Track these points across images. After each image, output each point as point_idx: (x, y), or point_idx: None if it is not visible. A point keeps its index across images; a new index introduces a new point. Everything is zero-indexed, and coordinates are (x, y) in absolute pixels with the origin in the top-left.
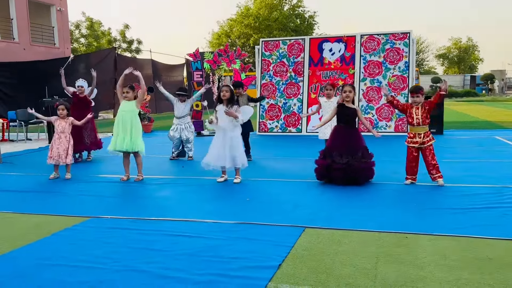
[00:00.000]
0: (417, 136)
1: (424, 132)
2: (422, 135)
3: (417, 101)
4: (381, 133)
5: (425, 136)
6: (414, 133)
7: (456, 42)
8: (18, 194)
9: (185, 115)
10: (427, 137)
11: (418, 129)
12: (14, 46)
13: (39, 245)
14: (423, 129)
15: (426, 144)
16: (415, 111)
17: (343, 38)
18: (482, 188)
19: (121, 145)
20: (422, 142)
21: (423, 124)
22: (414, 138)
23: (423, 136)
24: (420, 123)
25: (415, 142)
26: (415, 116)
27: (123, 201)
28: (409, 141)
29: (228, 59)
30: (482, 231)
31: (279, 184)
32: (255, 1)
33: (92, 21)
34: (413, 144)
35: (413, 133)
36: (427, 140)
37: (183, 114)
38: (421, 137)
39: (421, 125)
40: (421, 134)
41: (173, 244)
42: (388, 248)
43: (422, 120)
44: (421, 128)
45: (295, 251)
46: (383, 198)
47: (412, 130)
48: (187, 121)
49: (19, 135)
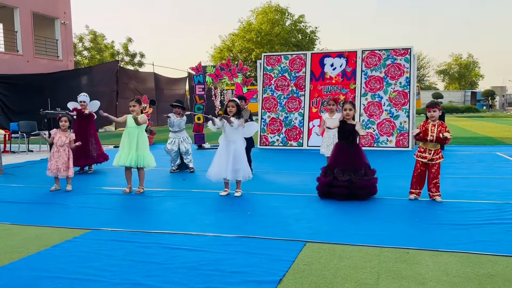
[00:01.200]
0: (427, 151)
1: (435, 150)
2: (433, 152)
3: (434, 115)
4: (382, 147)
5: (435, 154)
6: (424, 148)
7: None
8: (18, 205)
9: (181, 129)
10: (436, 155)
11: (430, 146)
12: (18, 58)
13: (38, 257)
14: (434, 147)
15: (434, 161)
16: (431, 127)
17: (345, 54)
18: (484, 204)
19: (125, 160)
20: (431, 159)
21: (436, 141)
22: (424, 153)
23: (433, 153)
24: (434, 140)
25: (423, 157)
26: (430, 132)
27: (124, 214)
28: (418, 154)
29: (230, 73)
30: (484, 247)
31: (280, 198)
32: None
33: (95, 34)
34: (422, 158)
35: (424, 148)
36: (436, 158)
37: (180, 128)
38: (431, 153)
39: (434, 142)
40: (431, 151)
41: (173, 257)
42: (389, 264)
43: (437, 138)
44: (433, 145)
45: (296, 266)
46: (384, 213)
47: (424, 145)
48: (184, 134)
49: (20, 146)
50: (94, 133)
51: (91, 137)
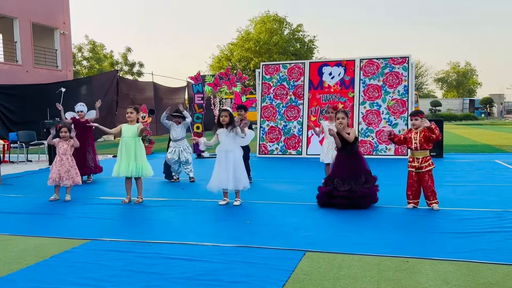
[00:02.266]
0: (415, 160)
1: (423, 157)
2: (420, 159)
3: (416, 123)
4: (381, 155)
5: (423, 161)
6: (412, 158)
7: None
8: (17, 216)
9: (182, 137)
10: (425, 162)
11: (416, 154)
12: (17, 68)
13: (37, 268)
14: (421, 154)
15: (423, 169)
16: (414, 135)
17: (343, 62)
18: (483, 212)
19: (125, 171)
20: (420, 167)
21: (421, 148)
22: (413, 162)
23: (421, 161)
24: (418, 148)
25: (413, 166)
26: (413, 140)
27: (123, 224)
28: (409, 165)
29: (229, 82)
30: (484, 256)
31: (279, 207)
32: (255, 25)
33: (94, 44)
34: (411, 168)
35: (412, 157)
36: (425, 166)
37: (181, 137)
38: (419, 161)
39: (419, 150)
40: (419, 159)
41: (172, 267)
42: (389, 273)
43: (420, 144)
44: (419, 152)
45: (296, 276)
46: (384, 222)
47: (411, 154)
48: (185, 143)
49: (19, 156)
50: (92, 143)
51: (89, 147)
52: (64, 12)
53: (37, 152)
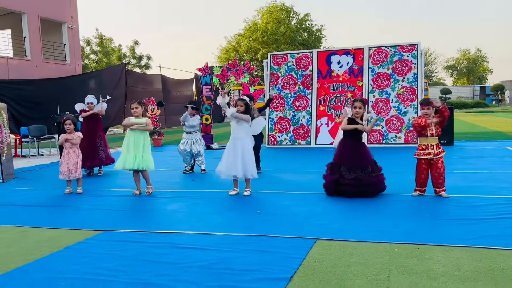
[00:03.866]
0: (430, 147)
1: (436, 144)
2: (435, 146)
3: (428, 113)
4: (391, 144)
5: (437, 147)
6: (426, 145)
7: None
8: (30, 208)
9: (195, 129)
10: (439, 148)
11: (431, 140)
12: (26, 63)
13: (51, 259)
14: (435, 140)
15: (439, 155)
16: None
17: (351, 51)
18: (494, 198)
19: (132, 163)
20: (436, 154)
21: (436, 135)
22: (427, 150)
23: (436, 147)
24: (434, 134)
25: (427, 153)
26: (429, 127)
27: (134, 215)
28: (420, 153)
29: (237, 73)
30: (495, 242)
31: (289, 196)
32: (262, 16)
33: (102, 38)
34: (426, 156)
35: (425, 144)
36: (440, 152)
37: (194, 129)
38: (434, 148)
39: (434, 136)
40: (433, 146)
41: (184, 256)
42: (400, 259)
43: (436, 131)
44: (434, 139)
45: (307, 263)
46: (393, 209)
47: (425, 142)
48: (197, 136)
49: (31, 150)
50: (102, 134)
51: (99, 139)
52: (71, 6)
53: (48, 146)
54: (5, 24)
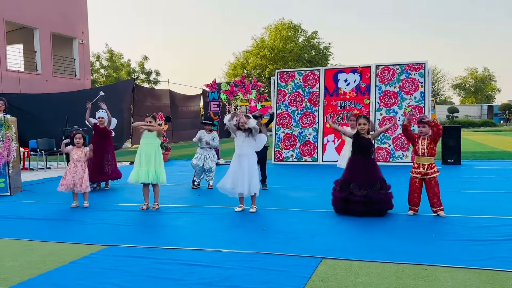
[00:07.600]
0: (421, 166)
1: (428, 164)
2: (426, 166)
3: (423, 131)
4: (397, 162)
5: (429, 168)
6: (418, 164)
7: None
8: (37, 222)
9: (210, 146)
10: (431, 169)
11: (422, 160)
12: (37, 77)
13: (56, 273)
14: (427, 160)
15: (429, 175)
16: (421, 141)
17: (358, 69)
18: (503, 219)
19: (145, 177)
20: (425, 173)
21: (428, 155)
22: (418, 169)
23: (427, 167)
24: (426, 154)
25: (418, 172)
26: (421, 146)
27: (140, 230)
28: (413, 171)
29: (244, 90)
30: (503, 264)
31: (295, 214)
32: (270, 33)
33: (112, 53)
34: (416, 174)
35: (417, 163)
36: (431, 172)
37: (209, 145)
38: (425, 168)
39: (426, 156)
40: (425, 165)
41: (189, 273)
42: (407, 280)
43: (428, 151)
44: (425, 159)
45: (312, 283)
46: (400, 229)
47: (417, 161)
48: (211, 152)
49: (39, 163)
50: (111, 149)
51: (108, 154)
52: (82, 22)
53: (56, 159)
54: (18, 39)
